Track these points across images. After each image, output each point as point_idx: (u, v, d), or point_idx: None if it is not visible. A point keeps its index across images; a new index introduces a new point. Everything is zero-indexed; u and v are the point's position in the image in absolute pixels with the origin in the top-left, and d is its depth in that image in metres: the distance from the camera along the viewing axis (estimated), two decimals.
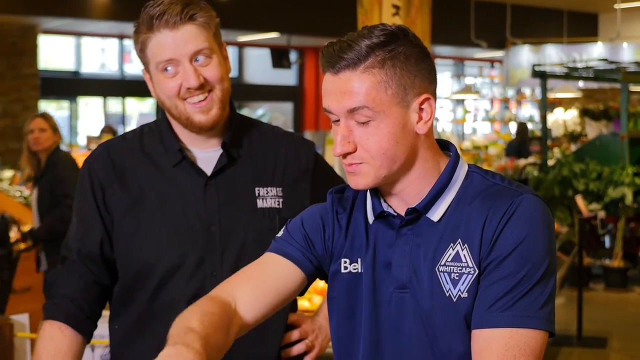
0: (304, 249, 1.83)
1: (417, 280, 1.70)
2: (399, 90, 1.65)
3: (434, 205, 1.71)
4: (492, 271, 1.63)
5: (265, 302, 1.79)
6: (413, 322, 1.70)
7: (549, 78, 12.39)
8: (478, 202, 1.68)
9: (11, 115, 15.32)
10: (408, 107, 1.66)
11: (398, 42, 1.66)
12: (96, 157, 2.33)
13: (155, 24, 2.18)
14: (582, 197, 9.55)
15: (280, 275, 1.81)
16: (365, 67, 1.64)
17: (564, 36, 18.64)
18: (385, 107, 1.65)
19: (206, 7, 2.23)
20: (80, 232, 2.30)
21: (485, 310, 1.62)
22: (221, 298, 1.76)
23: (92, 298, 2.27)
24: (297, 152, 2.39)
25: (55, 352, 2.18)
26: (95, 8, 14.47)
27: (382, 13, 6.74)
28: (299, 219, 1.88)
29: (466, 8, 17.62)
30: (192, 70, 2.18)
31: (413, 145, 1.68)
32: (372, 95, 1.64)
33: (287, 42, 17.56)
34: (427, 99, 1.67)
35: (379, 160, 1.67)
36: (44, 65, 16.47)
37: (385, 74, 1.64)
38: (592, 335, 7.48)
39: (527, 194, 1.67)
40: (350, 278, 1.78)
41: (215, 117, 2.23)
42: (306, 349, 2.38)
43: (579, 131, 16.09)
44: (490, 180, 1.72)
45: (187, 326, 1.62)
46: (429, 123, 1.68)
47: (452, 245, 1.68)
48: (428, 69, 1.69)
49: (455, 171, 1.73)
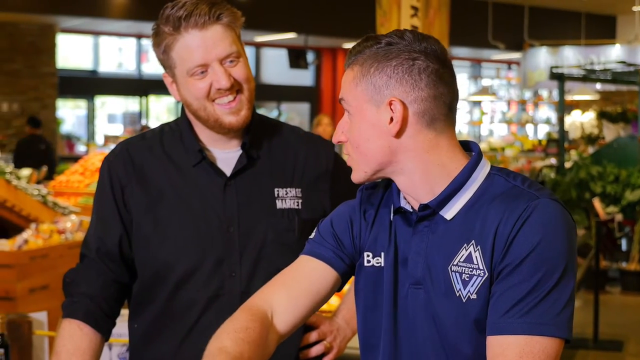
0: (335, 249, 1.86)
1: (431, 277, 1.71)
2: (368, 87, 1.70)
3: (448, 203, 1.71)
4: (506, 277, 1.62)
5: (301, 305, 1.83)
6: (425, 318, 1.72)
7: (567, 80, 12.35)
8: (495, 204, 1.67)
9: (29, 114, 15.40)
10: (378, 106, 1.70)
11: (390, 45, 1.70)
12: (116, 156, 2.33)
13: (182, 25, 2.17)
14: (599, 200, 9.51)
15: (314, 278, 1.85)
16: (351, 63, 1.75)
17: (582, 38, 18.58)
18: (357, 101, 1.72)
19: (231, 8, 2.23)
20: (100, 230, 2.30)
21: (500, 316, 1.61)
22: (257, 307, 1.80)
23: (111, 296, 2.28)
24: (317, 153, 2.39)
25: (74, 350, 2.19)
26: (113, 7, 14.52)
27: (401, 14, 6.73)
28: (329, 220, 1.91)
29: (484, 9, 17.59)
30: (222, 71, 2.18)
31: (390, 145, 1.71)
32: (347, 89, 1.74)
33: (305, 42, 17.56)
34: (393, 101, 1.68)
35: (355, 155, 1.75)
36: (62, 64, 16.54)
37: (360, 71, 1.72)
38: (608, 339, 7.45)
39: (544, 198, 1.66)
40: (373, 271, 1.81)
41: (245, 118, 2.23)
42: (324, 350, 2.38)
43: (596, 134, 16.02)
44: (511, 182, 1.71)
45: (219, 346, 1.66)
46: (397, 125, 1.69)
47: (466, 245, 1.68)
48: (416, 78, 1.69)
49: (475, 172, 1.72)
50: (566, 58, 18.05)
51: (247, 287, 2.20)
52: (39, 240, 5.62)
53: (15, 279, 5.23)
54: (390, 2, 6.64)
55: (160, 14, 2.22)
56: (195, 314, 2.22)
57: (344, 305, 2.45)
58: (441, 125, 1.71)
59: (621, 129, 14.02)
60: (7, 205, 5.82)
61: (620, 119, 14.19)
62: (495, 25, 17.60)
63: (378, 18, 6.63)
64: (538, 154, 16.98)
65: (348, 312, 2.41)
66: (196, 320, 2.21)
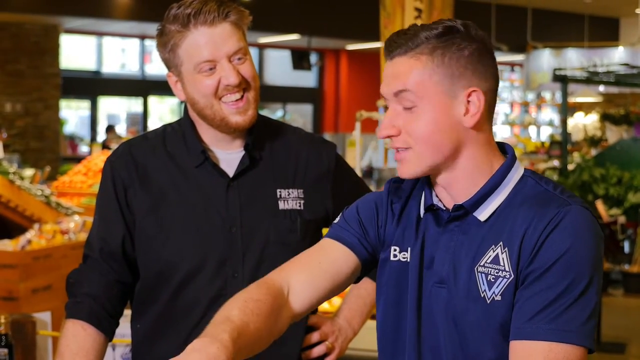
0: (359, 235, 1.84)
1: (455, 277, 1.69)
2: (444, 79, 1.66)
3: (483, 204, 1.70)
4: (534, 282, 1.61)
5: (319, 286, 1.81)
6: (445, 318, 1.71)
7: (570, 82, 12.34)
8: (525, 208, 1.66)
9: (32, 115, 15.42)
10: (455, 97, 1.67)
11: (455, 35, 1.67)
12: (119, 156, 2.33)
13: (192, 22, 2.18)
14: (602, 202, 9.50)
15: (335, 260, 1.83)
16: (414, 53, 1.67)
17: (585, 40, 18.56)
18: (429, 93, 1.66)
19: (238, 7, 2.24)
20: (103, 231, 2.31)
21: (525, 321, 1.60)
22: (274, 282, 1.78)
23: (114, 296, 2.28)
24: (319, 153, 2.39)
25: (77, 350, 2.19)
26: (117, 8, 14.54)
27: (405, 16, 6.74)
28: (355, 206, 1.89)
29: (487, 11, 17.58)
30: (231, 67, 2.19)
31: (459, 138, 1.68)
32: (416, 80, 1.67)
33: (308, 44, 17.57)
34: (474, 92, 1.66)
35: (422, 147, 1.68)
36: (66, 65, 16.56)
37: (432, 61, 1.66)
38: (610, 341, 7.44)
39: (576, 205, 1.64)
40: (399, 266, 1.79)
41: (252, 118, 2.24)
42: (326, 351, 2.38)
43: (599, 136, 16.01)
44: (543, 186, 1.70)
45: (225, 315, 1.63)
46: (476, 116, 1.67)
47: (494, 247, 1.66)
48: (484, 65, 1.68)
49: (509, 173, 1.71)
50: (569, 60, 18.03)
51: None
52: (42, 240, 5.62)
53: (18, 279, 5.23)
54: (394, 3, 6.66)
55: (166, 15, 2.23)
56: (198, 314, 2.23)
57: (345, 305, 2.45)
58: (492, 120, 1.72)
59: (624, 131, 14.00)
60: (11, 205, 5.82)
61: (623, 121, 14.18)
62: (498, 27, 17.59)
63: (382, 19, 6.65)
64: (541, 156, 16.96)
65: (349, 312, 2.42)
66: (199, 321, 2.21)
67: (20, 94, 15.31)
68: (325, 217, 2.36)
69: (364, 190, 2.47)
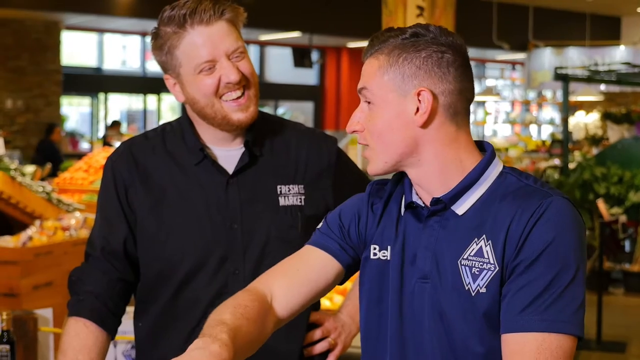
0: (340, 241, 1.87)
1: (438, 272, 1.71)
2: (396, 77, 1.70)
3: (460, 199, 1.72)
4: (521, 274, 1.63)
5: (299, 292, 1.84)
6: (431, 313, 1.72)
7: (571, 81, 12.34)
8: (508, 201, 1.68)
9: (33, 111, 15.42)
10: (405, 96, 1.70)
11: (419, 38, 1.71)
12: (119, 156, 2.33)
13: (188, 22, 2.17)
14: (603, 201, 9.50)
15: (315, 267, 1.86)
16: (376, 52, 1.74)
17: (587, 39, 18.57)
18: (382, 91, 1.72)
19: (233, 4, 2.24)
20: (104, 230, 2.31)
21: (516, 314, 1.62)
22: (257, 290, 1.82)
23: (116, 294, 2.28)
24: (319, 148, 2.39)
25: (80, 348, 2.19)
26: (118, 5, 14.54)
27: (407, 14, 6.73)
28: (338, 211, 1.92)
29: (489, 10, 17.58)
30: (231, 65, 2.19)
31: (414, 136, 1.71)
32: (371, 78, 1.73)
33: (309, 41, 17.56)
34: (423, 91, 1.69)
35: (377, 145, 1.74)
36: (67, 62, 16.56)
37: (387, 61, 1.71)
38: (611, 340, 7.44)
39: (557, 196, 1.68)
40: (379, 264, 1.81)
41: (253, 114, 2.24)
42: (329, 347, 2.38)
43: (601, 134, 16.02)
44: (523, 181, 1.73)
45: (218, 318, 1.68)
46: (424, 115, 1.69)
47: (477, 240, 1.68)
48: (446, 68, 1.71)
49: (488, 169, 1.74)
50: (570, 59, 18.04)
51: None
52: (43, 237, 5.62)
53: (19, 276, 5.23)
54: (396, 1, 6.65)
55: (160, 18, 2.22)
56: (200, 311, 2.22)
57: (348, 301, 2.45)
58: (462, 120, 1.74)
59: (625, 130, 14.01)
60: (12, 201, 5.82)
61: (624, 120, 14.19)
62: (500, 25, 17.59)
63: (384, 17, 6.64)
64: (542, 155, 16.97)
65: (353, 307, 2.41)
66: (200, 318, 2.20)
67: (21, 90, 15.31)
68: (326, 213, 2.35)
69: (367, 184, 2.46)
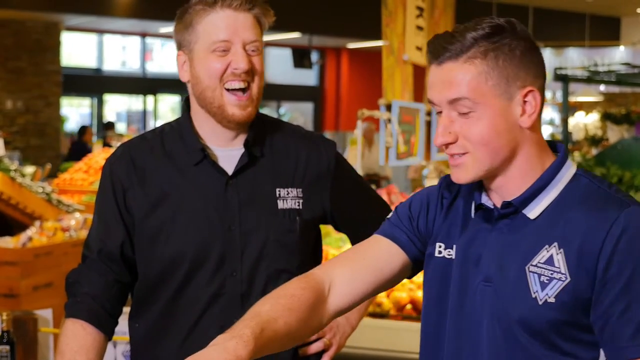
0: (409, 232, 1.84)
1: (502, 275, 1.67)
2: (500, 81, 1.64)
3: (532, 202, 1.68)
4: (620, 295, 1.58)
5: (364, 280, 1.81)
6: (490, 316, 1.68)
7: (571, 81, 12.36)
8: (582, 207, 1.63)
9: (33, 112, 15.42)
10: (511, 99, 1.65)
11: (503, 35, 1.66)
12: (118, 158, 2.33)
13: (218, 3, 2.20)
14: None
15: (380, 255, 1.83)
16: (467, 58, 1.65)
17: (586, 40, 18.56)
18: (486, 98, 1.64)
19: (265, 4, 2.27)
20: (101, 232, 2.30)
21: (627, 339, 1.57)
22: (314, 277, 1.79)
23: (113, 296, 2.29)
24: (318, 152, 2.38)
25: (78, 349, 2.19)
26: (118, 6, 14.54)
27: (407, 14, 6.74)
28: (408, 201, 1.88)
29: (488, 10, 17.57)
30: (243, 53, 2.20)
31: (516, 139, 1.66)
32: (473, 86, 1.64)
33: (309, 42, 17.56)
34: (530, 92, 1.65)
35: (481, 151, 1.66)
36: (67, 62, 16.55)
37: (487, 65, 1.64)
38: None
39: (635, 206, 1.62)
40: (443, 263, 1.78)
41: (250, 115, 2.24)
42: (324, 347, 2.38)
43: (600, 135, 16.01)
44: (596, 184, 1.68)
45: (256, 310, 1.66)
46: (533, 116, 1.66)
47: (547, 247, 1.64)
48: (535, 63, 1.67)
49: (560, 171, 1.69)
50: (570, 59, 18.04)
51: (248, 286, 2.21)
52: (43, 237, 5.63)
53: (19, 277, 5.24)
54: (395, 2, 6.65)
55: None
56: (197, 312, 2.22)
57: None
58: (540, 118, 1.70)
59: (625, 131, 14.02)
60: (12, 202, 5.83)
61: (624, 120, 14.19)
62: None
63: (383, 18, 6.64)
64: None
65: None
66: (197, 319, 2.22)
67: (21, 91, 15.31)
68: (323, 217, 2.35)
69: (365, 188, 2.46)
